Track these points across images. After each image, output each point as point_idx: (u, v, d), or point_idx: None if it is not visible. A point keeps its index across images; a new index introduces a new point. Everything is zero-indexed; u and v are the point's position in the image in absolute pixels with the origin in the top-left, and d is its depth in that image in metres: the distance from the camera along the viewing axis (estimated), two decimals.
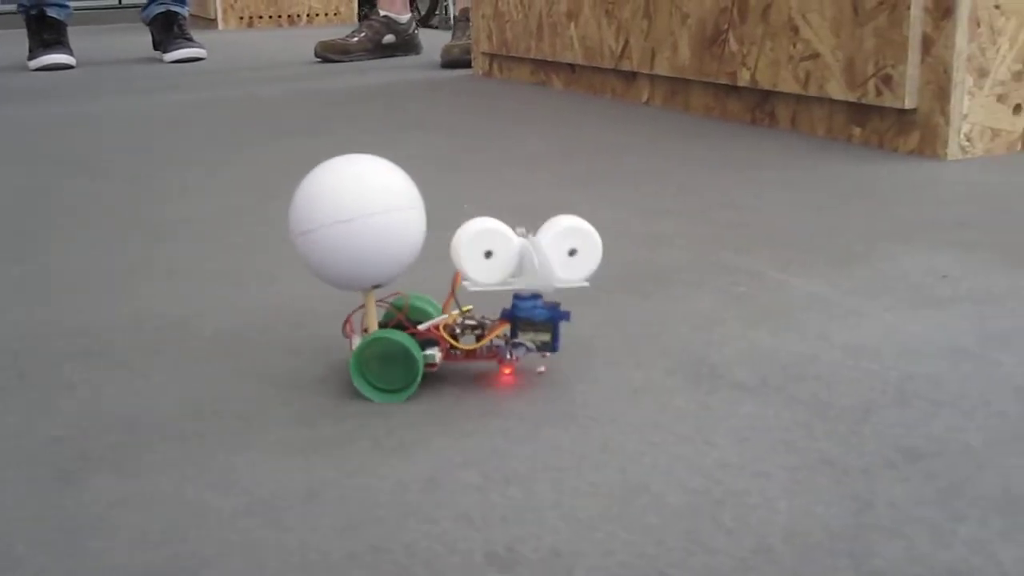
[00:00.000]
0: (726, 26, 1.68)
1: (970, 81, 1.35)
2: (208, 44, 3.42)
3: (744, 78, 1.66)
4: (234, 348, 0.76)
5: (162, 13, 3.20)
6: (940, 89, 1.35)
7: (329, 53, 2.98)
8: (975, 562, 0.46)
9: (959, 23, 1.32)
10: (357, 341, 0.66)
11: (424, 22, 5.10)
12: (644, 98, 1.97)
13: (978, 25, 1.33)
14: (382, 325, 0.67)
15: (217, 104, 2.17)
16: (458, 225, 0.66)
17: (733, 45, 1.67)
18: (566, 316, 0.65)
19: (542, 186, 1.28)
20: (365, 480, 0.56)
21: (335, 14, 4.98)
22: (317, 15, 4.97)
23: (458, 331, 0.66)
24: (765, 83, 1.62)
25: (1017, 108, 1.40)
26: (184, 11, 3.26)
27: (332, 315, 0.81)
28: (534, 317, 0.64)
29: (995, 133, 1.39)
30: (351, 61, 3.00)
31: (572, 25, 2.11)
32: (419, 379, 0.64)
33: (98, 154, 1.61)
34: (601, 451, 0.58)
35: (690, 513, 0.51)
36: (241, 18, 4.87)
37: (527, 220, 0.72)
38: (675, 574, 0.46)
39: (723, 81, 1.71)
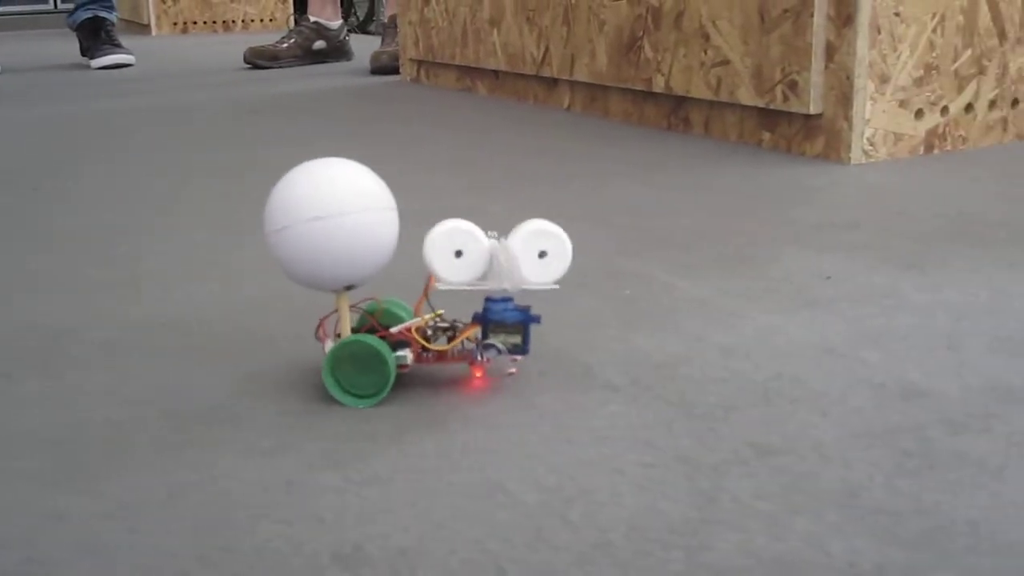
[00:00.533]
0: (641, 33, 1.70)
1: (872, 87, 1.38)
2: (139, 50, 3.39)
3: (659, 84, 1.68)
4: (112, 359, 0.76)
5: (89, 19, 3.16)
6: (843, 95, 1.38)
7: (258, 59, 2.97)
8: (805, 554, 0.47)
9: (860, 30, 1.35)
10: (330, 345, 0.66)
11: (362, 28, 5.09)
12: (565, 104, 1.99)
13: (879, 32, 1.36)
14: (355, 330, 0.67)
15: (138, 111, 2.16)
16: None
17: (648, 52, 1.69)
18: (537, 319, 0.65)
19: (452, 191, 1.29)
20: (228, 483, 0.56)
21: (271, 20, 4.96)
22: (252, 21, 4.94)
23: (430, 333, 0.66)
24: (679, 89, 1.64)
25: (919, 113, 1.43)
26: (112, 17, 3.23)
27: (222, 319, 0.81)
28: (506, 319, 0.64)
29: (898, 137, 1.42)
30: (280, 67, 2.99)
31: (495, 32, 2.12)
32: (391, 383, 0.64)
33: (4, 162, 1.60)
34: (462, 452, 0.59)
35: (540, 510, 0.52)
36: (175, 24, 4.83)
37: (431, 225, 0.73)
38: (514, 569, 0.47)
39: (639, 87, 1.73)
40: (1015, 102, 1.52)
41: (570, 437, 0.60)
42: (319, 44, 3.06)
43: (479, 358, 0.66)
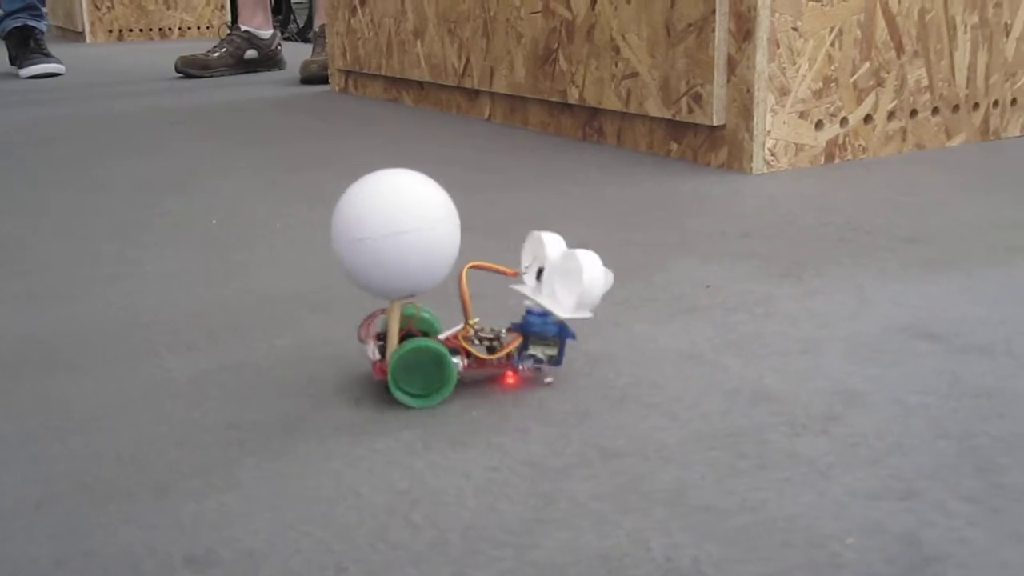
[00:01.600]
0: (556, 46, 1.73)
1: (772, 99, 1.42)
2: (72, 59, 3.38)
3: (573, 96, 1.71)
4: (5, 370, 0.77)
5: (18, 27, 3.15)
6: (744, 107, 1.42)
7: (189, 68, 2.97)
8: (627, 549, 0.50)
9: (759, 45, 1.39)
10: (371, 347, 0.68)
11: (302, 35, 5.09)
12: (486, 114, 2.02)
13: (777, 47, 1.40)
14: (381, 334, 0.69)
15: (59, 121, 2.16)
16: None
17: (563, 64, 1.72)
18: (573, 334, 0.70)
19: None
20: (100, 490, 0.58)
21: (207, 27, 4.94)
22: (189, 28, 4.93)
23: (476, 342, 0.69)
24: (592, 101, 1.67)
25: (819, 124, 1.48)
26: (41, 25, 3.21)
27: (114, 333, 0.83)
28: (546, 332, 0.68)
29: (799, 148, 1.47)
30: (212, 76, 2.99)
31: (419, 43, 2.15)
32: (452, 387, 0.67)
33: None
34: (326, 458, 0.61)
35: (387, 512, 0.54)
36: (110, 31, 4.81)
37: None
38: (355, 568, 0.50)
39: (555, 99, 1.76)
40: (914, 112, 1.57)
41: (429, 443, 0.63)
42: (251, 53, 3.06)
43: (520, 367, 0.69)
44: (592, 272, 0.67)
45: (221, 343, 0.81)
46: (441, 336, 0.68)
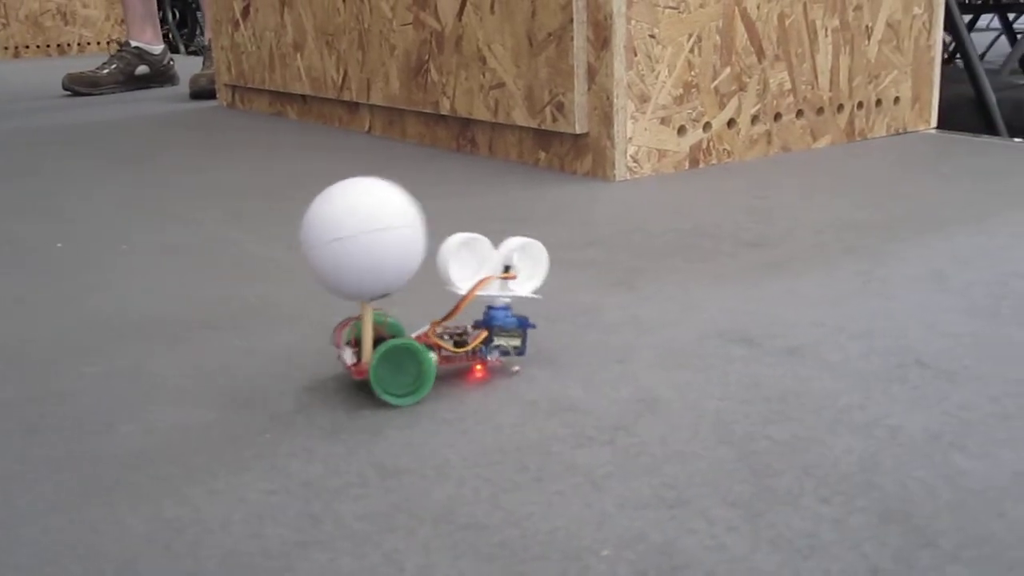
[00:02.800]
0: (427, 57, 1.73)
1: (632, 106, 1.43)
2: None
3: (445, 107, 1.71)
4: None
5: None
6: (605, 115, 1.43)
7: (77, 85, 2.92)
8: (381, 571, 0.50)
9: (616, 53, 1.40)
10: (347, 352, 0.71)
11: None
12: (366, 127, 2.01)
13: (635, 54, 1.42)
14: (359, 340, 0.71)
15: None
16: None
17: (434, 75, 1.72)
18: (533, 325, 0.75)
19: (207, 222, 1.30)
20: None
21: (108, 43, 4.87)
22: (88, 44, 4.85)
23: (446, 338, 0.73)
24: (463, 111, 1.67)
25: (682, 130, 1.49)
26: None
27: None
28: (508, 325, 0.73)
29: (662, 154, 1.48)
30: (101, 94, 2.94)
31: (299, 56, 2.14)
32: (431, 382, 0.70)
33: None
34: (110, 489, 0.60)
35: (145, 541, 0.54)
36: (6, 48, 4.71)
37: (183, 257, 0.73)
38: None
39: (429, 110, 1.76)
40: (778, 116, 1.60)
41: (213, 469, 0.62)
42: (142, 69, 3.02)
43: (489, 358, 0.73)
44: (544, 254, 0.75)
45: (29, 373, 0.79)
46: (412, 335, 0.71)
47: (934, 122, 1.84)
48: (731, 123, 1.55)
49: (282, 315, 0.91)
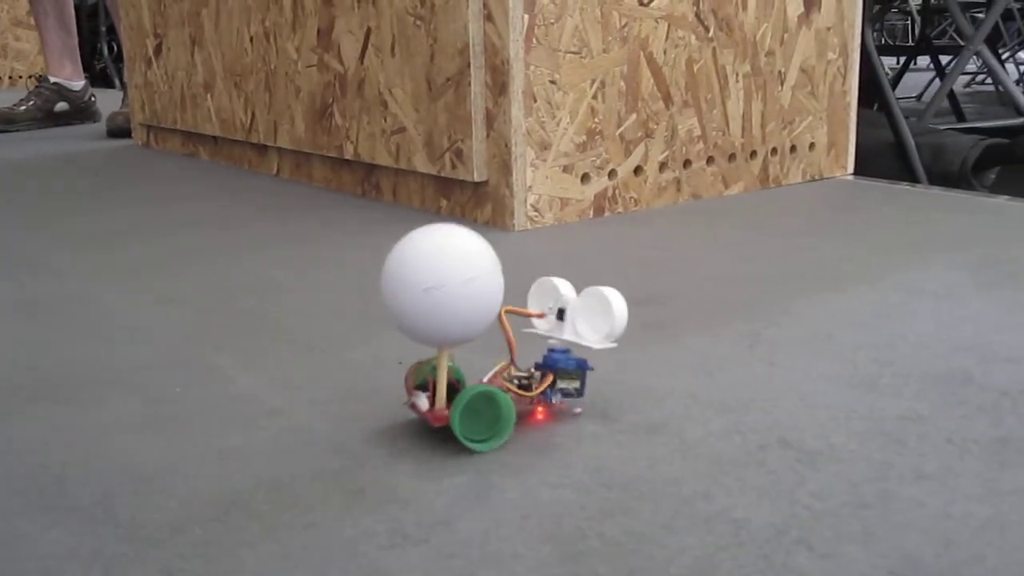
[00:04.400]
0: (331, 100, 1.68)
1: (532, 154, 1.38)
2: None
3: (349, 151, 1.66)
4: None
5: None
6: (504, 163, 1.38)
7: None
8: None
9: (514, 99, 1.35)
10: (421, 399, 0.70)
11: None
12: (275, 170, 1.95)
13: (535, 100, 1.37)
14: (421, 385, 0.72)
15: None
16: None
17: (338, 119, 1.67)
18: (591, 367, 0.75)
19: (71, 274, 1.23)
20: None
21: (40, 76, 4.77)
22: (20, 77, 4.76)
23: (515, 383, 0.73)
24: (366, 156, 1.62)
25: (585, 177, 1.45)
26: None
27: None
28: (569, 367, 0.73)
29: (564, 202, 1.43)
30: (18, 131, 2.86)
31: (209, 97, 2.08)
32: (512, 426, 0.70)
33: None
34: None
35: None
36: None
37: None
38: None
39: (333, 154, 1.70)
40: (687, 163, 1.56)
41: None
42: (61, 106, 2.95)
43: (553, 401, 0.74)
44: (620, 304, 0.74)
45: None
46: (485, 379, 0.71)
47: (851, 168, 1.81)
48: (638, 170, 1.51)
49: (111, 382, 0.84)
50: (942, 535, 0.57)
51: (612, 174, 1.48)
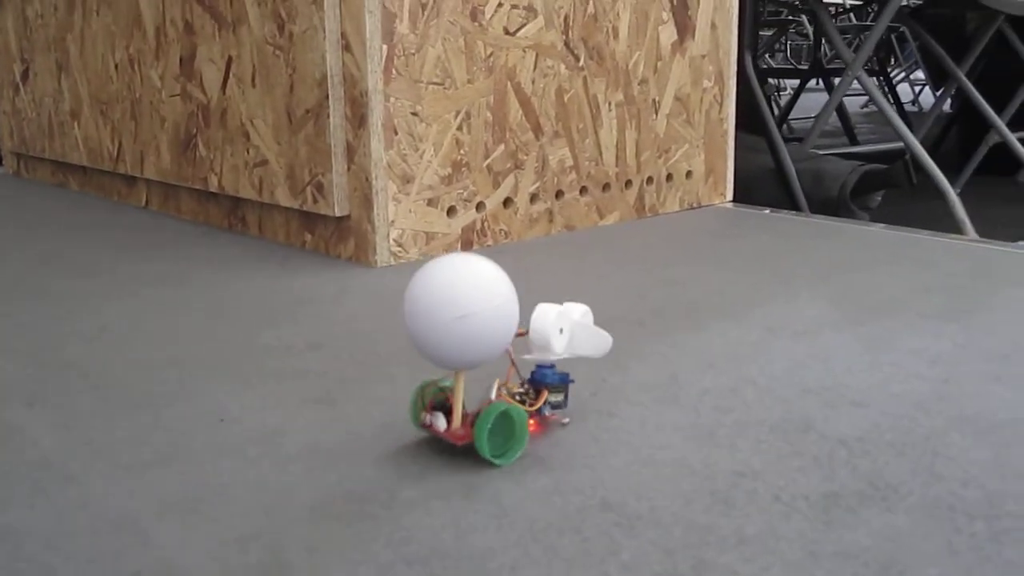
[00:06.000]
0: (195, 131, 1.62)
1: (394, 187, 1.34)
2: None
3: (213, 183, 1.60)
4: None
5: None
6: (365, 197, 1.34)
7: None
8: None
9: (374, 132, 1.31)
10: (439, 419, 0.73)
11: None
12: (143, 201, 1.88)
13: (395, 133, 1.33)
14: (438, 406, 0.74)
15: None
16: None
17: (202, 150, 1.61)
18: (573, 380, 0.80)
19: None
20: None
21: None
22: None
23: (516, 398, 0.76)
24: (230, 189, 1.56)
25: (451, 211, 1.41)
26: None
27: None
28: (556, 381, 0.78)
29: (429, 237, 1.39)
30: None
31: (76, 125, 2.00)
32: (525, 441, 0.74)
33: None
34: None
35: None
36: None
37: None
38: None
39: (199, 186, 1.64)
40: (560, 193, 1.53)
41: None
42: None
43: (546, 413, 0.78)
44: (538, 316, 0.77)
45: None
46: (492, 396, 0.74)
47: (730, 195, 1.80)
48: (507, 202, 1.47)
49: None
50: None
51: (480, 206, 1.44)
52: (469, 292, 0.69)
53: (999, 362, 0.94)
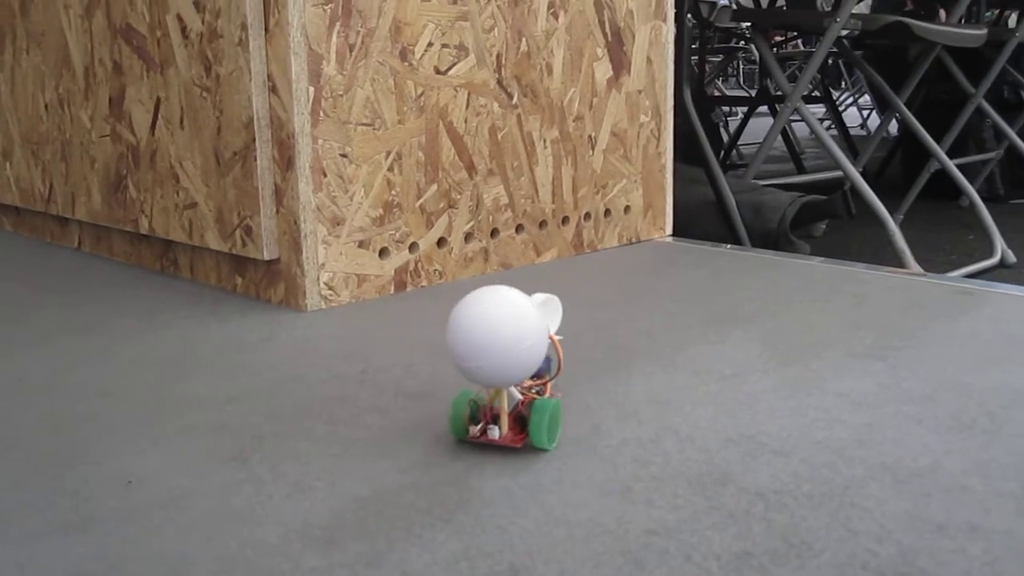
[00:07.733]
0: (125, 172, 1.59)
1: (324, 230, 1.32)
2: None
3: (144, 226, 1.57)
4: None
5: None
6: (294, 240, 1.32)
7: None
8: None
9: (302, 174, 1.29)
10: (494, 430, 0.81)
11: None
12: (76, 243, 1.85)
13: (324, 175, 1.31)
14: (475, 419, 0.83)
15: None
16: None
17: (133, 192, 1.58)
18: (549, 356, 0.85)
19: None
20: None
21: None
22: None
23: (532, 390, 0.84)
24: (160, 231, 1.54)
25: (384, 252, 1.39)
26: None
27: None
28: (546, 367, 0.86)
29: (362, 279, 1.37)
30: None
31: (8, 165, 1.96)
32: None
33: None
34: None
35: None
36: None
37: None
38: None
39: (130, 228, 1.62)
40: (495, 232, 1.51)
41: None
42: None
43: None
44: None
45: None
46: (519, 397, 0.82)
47: (669, 229, 1.80)
48: (441, 242, 1.46)
49: None
50: None
51: (413, 247, 1.43)
52: (525, 323, 0.77)
53: (922, 403, 0.94)
